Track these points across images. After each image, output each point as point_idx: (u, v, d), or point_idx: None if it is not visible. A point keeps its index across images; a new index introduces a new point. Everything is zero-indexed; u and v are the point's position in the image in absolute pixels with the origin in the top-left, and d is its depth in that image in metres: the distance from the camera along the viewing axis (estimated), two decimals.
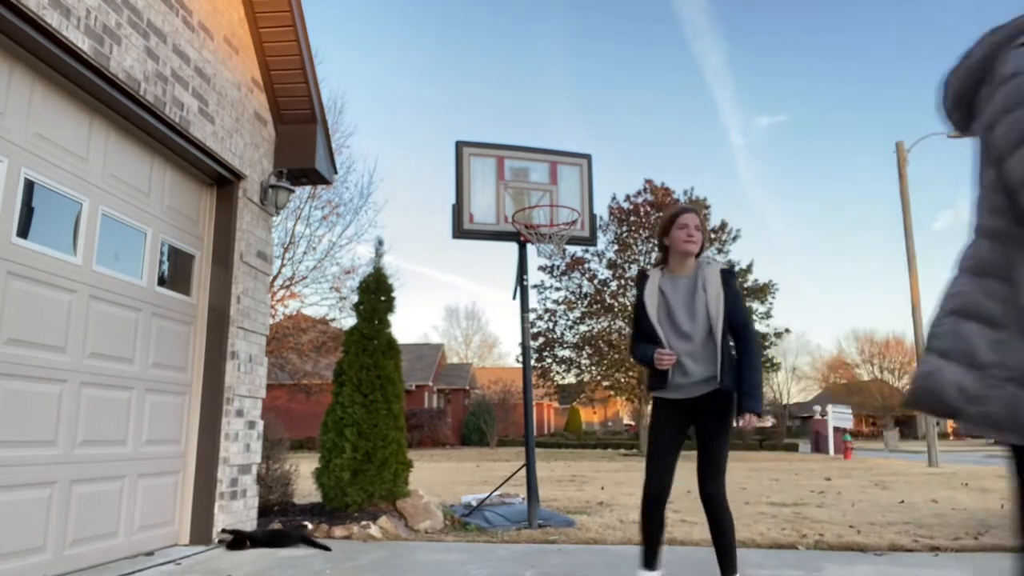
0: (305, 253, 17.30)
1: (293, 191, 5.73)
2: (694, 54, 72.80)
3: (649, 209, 25.63)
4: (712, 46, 70.51)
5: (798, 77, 72.13)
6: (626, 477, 12.03)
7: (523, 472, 5.94)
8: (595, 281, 26.58)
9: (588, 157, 6.63)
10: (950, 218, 79.55)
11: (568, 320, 27.01)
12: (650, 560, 3.12)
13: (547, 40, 74.08)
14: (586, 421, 49.45)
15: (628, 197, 26.12)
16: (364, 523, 5.06)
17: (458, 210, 6.10)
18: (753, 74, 72.63)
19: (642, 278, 3.26)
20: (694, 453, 3.15)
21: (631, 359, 25.39)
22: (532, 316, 26.74)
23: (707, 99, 74.51)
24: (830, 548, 4.71)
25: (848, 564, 4.18)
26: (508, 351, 68.46)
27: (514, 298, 6.12)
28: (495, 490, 7.04)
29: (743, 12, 69.94)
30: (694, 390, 3.08)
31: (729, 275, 3.15)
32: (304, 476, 6.48)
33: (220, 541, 4.55)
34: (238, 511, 4.89)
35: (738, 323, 3.08)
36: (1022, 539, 1.29)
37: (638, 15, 70.90)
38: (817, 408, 27.23)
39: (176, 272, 4.66)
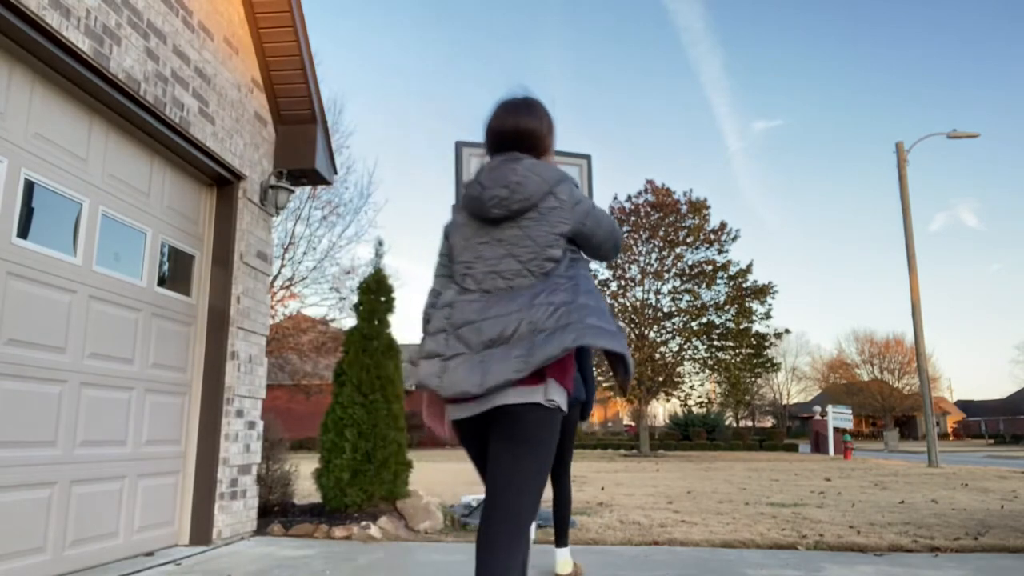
0: (305, 253, 17.33)
1: (293, 191, 5.73)
2: (690, 60, 73.02)
3: (650, 210, 25.65)
4: (708, 52, 70.74)
5: (793, 83, 72.35)
6: (626, 477, 12.03)
7: None
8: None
9: (588, 158, 6.62)
10: (946, 220, 79.56)
11: None
12: None
13: (546, 44, 74.28)
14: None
15: (629, 197, 26.13)
16: (364, 523, 5.06)
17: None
18: (748, 80, 72.85)
19: None
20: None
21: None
22: None
23: (704, 104, 74.73)
24: (830, 548, 4.71)
25: (848, 564, 4.18)
26: None
27: None
28: None
29: (738, 19, 70.10)
30: None
31: None
32: (304, 476, 6.48)
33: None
34: (238, 511, 4.89)
35: None
36: None
37: (635, 21, 71.06)
38: (817, 408, 27.20)
39: (176, 272, 4.66)
